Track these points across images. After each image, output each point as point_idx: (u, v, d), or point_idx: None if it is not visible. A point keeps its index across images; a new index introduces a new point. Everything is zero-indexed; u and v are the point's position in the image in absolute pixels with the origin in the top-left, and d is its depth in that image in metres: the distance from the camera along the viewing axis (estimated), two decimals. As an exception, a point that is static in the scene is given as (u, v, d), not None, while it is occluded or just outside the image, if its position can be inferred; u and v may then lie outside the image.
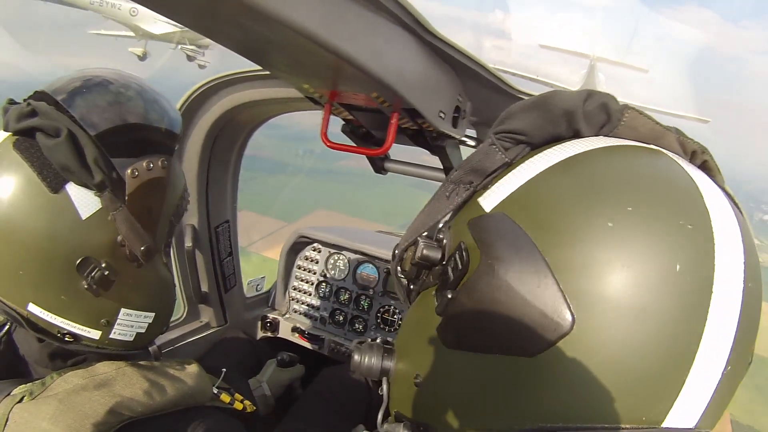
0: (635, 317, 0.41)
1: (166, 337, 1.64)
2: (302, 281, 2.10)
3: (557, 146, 0.50)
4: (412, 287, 0.64)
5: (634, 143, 0.50)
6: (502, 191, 0.50)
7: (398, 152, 1.25)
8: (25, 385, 0.82)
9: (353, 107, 1.06)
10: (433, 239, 0.57)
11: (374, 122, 1.10)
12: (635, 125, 0.50)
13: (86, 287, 0.83)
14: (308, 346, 2.01)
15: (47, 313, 0.83)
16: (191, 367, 0.99)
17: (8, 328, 0.93)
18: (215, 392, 1.03)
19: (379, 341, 0.63)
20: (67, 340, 0.86)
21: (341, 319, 2.01)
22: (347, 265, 2.02)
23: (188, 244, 1.63)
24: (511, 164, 0.52)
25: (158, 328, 0.99)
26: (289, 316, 2.10)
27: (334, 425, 1.47)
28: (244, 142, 1.71)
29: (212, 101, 1.49)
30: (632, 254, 0.42)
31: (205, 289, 1.76)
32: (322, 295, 2.06)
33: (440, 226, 0.58)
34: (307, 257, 2.10)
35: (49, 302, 0.82)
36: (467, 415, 0.49)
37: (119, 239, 0.85)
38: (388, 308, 1.94)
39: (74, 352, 0.91)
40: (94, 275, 0.83)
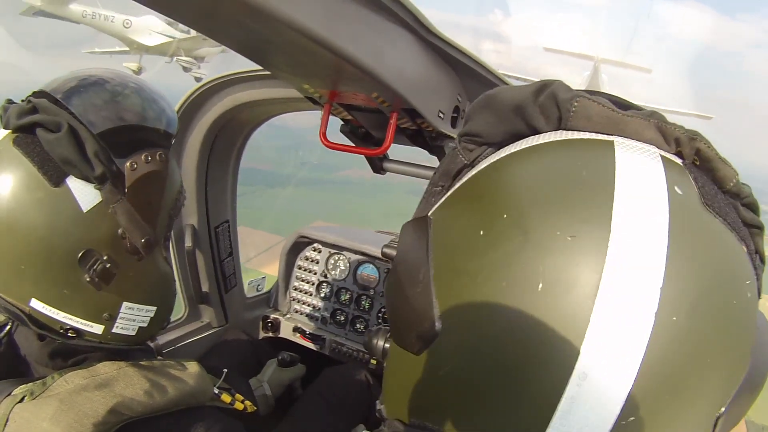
0: (496, 334, 0.38)
1: (166, 337, 1.64)
2: (303, 281, 2.10)
3: (512, 145, 0.48)
4: None
5: (586, 136, 0.45)
6: (451, 191, 0.51)
7: (399, 153, 1.25)
8: (25, 385, 0.82)
9: (353, 107, 1.06)
10: None
11: (373, 122, 1.11)
12: (588, 114, 0.44)
13: (88, 280, 0.84)
14: (309, 346, 2.01)
15: (49, 308, 0.83)
16: (192, 367, 0.99)
17: (9, 328, 0.94)
18: (216, 392, 1.03)
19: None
20: (69, 335, 0.86)
21: (342, 319, 2.01)
22: (348, 265, 2.02)
23: (188, 244, 1.63)
24: (472, 165, 0.51)
25: (160, 322, 1.00)
26: (290, 316, 2.10)
27: (334, 425, 1.47)
28: (243, 142, 1.72)
29: (212, 101, 1.49)
30: (495, 267, 0.39)
31: (205, 289, 1.76)
32: (323, 295, 2.06)
33: None
34: (307, 257, 2.10)
35: (51, 297, 0.83)
36: (388, 398, 0.52)
37: (120, 232, 0.86)
38: None
39: (75, 351, 0.91)
40: (96, 268, 0.84)
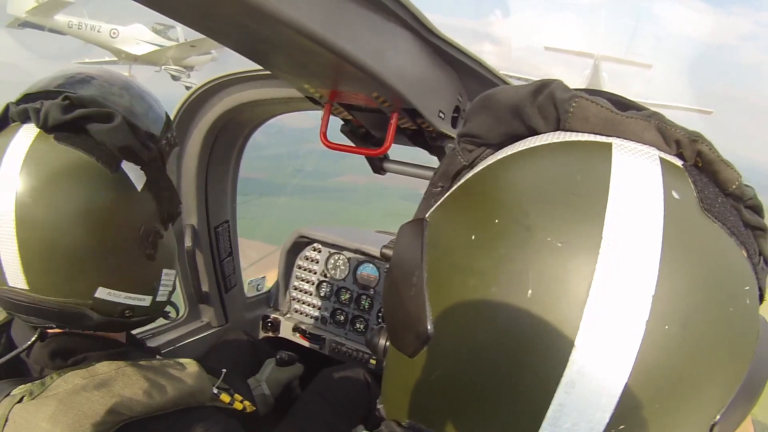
0: (487, 339, 0.38)
1: (166, 337, 1.64)
2: (303, 281, 2.10)
3: (509, 147, 0.48)
4: None
5: (584, 137, 0.43)
6: (449, 193, 0.50)
7: (399, 153, 1.25)
8: (24, 385, 0.82)
9: (353, 107, 1.06)
10: None
11: (374, 122, 1.11)
12: (586, 116, 0.43)
13: (147, 253, 0.91)
14: (309, 345, 2.01)
15: (115, 292, 0.88)
16: (191, 366, 0.99)
17: (2, 321, 0.94)
18: (215, 392, 1.03)
19: None
20: (126, 315, 0.91)
21: (342, 318, 2.01)
22: (348, 264, 2.02)
23: (188, 244, 1.63)
24: (471, 166, 0.50)
25: (175, 284, 1.07)
26: (290, 315, 2.10)
27: (334, 425, 1.47)
28: (244, 142, 1.71)
29: (212, 101, 1.49)
30: (485, 272, 0.38)
31: (205, 289, 1.76)
32: (322, 294, 2.06)
33: None
34: (307, 257, 2.10)
35: (117, 278, 0.88)
36: (386, 398, 0.52)
37: (159, 206, 0.94)
38: None
39: (74, 350, 0.91)
40: (152, 240, 0.91)
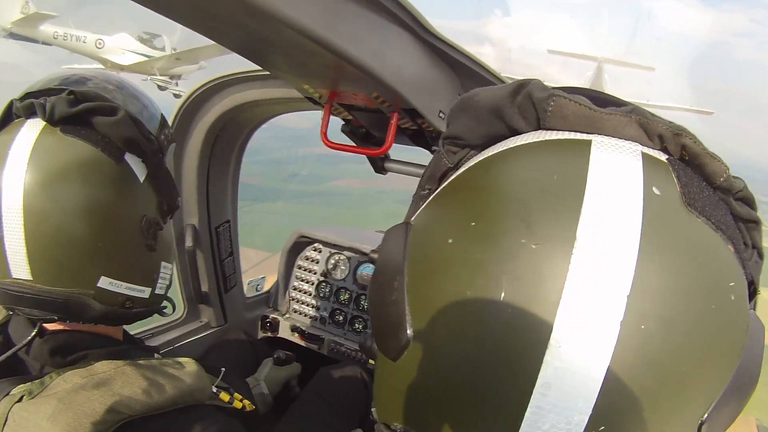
0: (463, 343, 0.38)
1: (166, 336, 1.64)
2: (302, 281, 2.10)
3: (492, 147, 0.48)
4: None
5: (564, 136, 0.44)
6: (434, 195, 0.51)
7: (399, 153, 1.25)
8: (24, 384, 0.82)
9: (353, 107, 1.06)
10: None
11: (374, 122, 1.11)
12: (564, 114, 0.43)
13: (147, 244, 0.93)
14: (308, 346, 2.01)
15: (117, 282, 0.90)
16: (190, 366, 0.99)
17: (3, 319, 0.94)
18: (214, 391, 1.03)
19: None
20: (126, 306, 0.93)
21: (341, 319, 2.01)
22: (348, 265, 2.02)
23: (188, 244, 1.63)
24: (456, 168, 0.51)
25: (171, 279, 1.09)
26: (289, 316, 2.10)
27: (332, 424, 1.47)
28: (244, 142, 1.72)
29: (212, 101, 1.49)
30: (462, 276, 0.39)
31: (205, 289, 1.76)
32: (322, 295, 2.06)
33: None
34: (307, 257, 2.10)
35: (119, 268, 0.90)
36: (377, 401, 0.52)
37: (160, 198, 0.97)
38: None
39: (74, 347, 0.91)
40: (152, 231, 0.94)
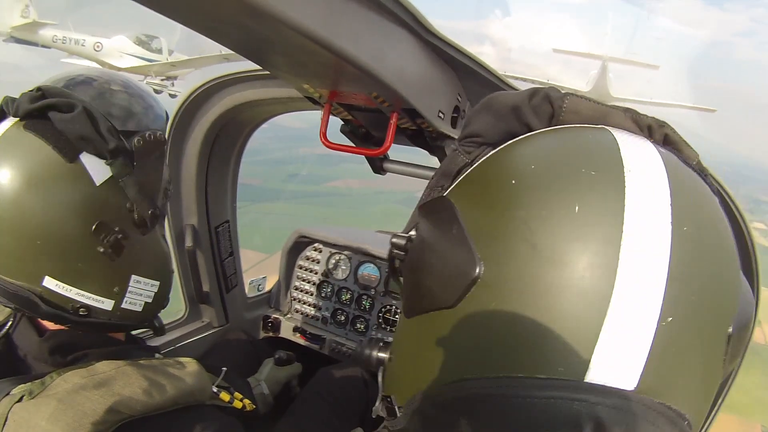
0: (540, 261, 0.42)
1: (167, 336, 1.64)
2: (304, 281, 2.10)
3: (511, 141, 0.53)
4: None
5: (578, 126, 0.51)
6: (455, 183, 0.55)
7: (399, 153, 1.25)
8: (24, 384, 0.82)
9: (353, 107, 1.06)
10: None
11: (374, 122, 1.11)
12: (577, 109, 0.51)
13: (102, 251, 0.88)
14: (309, 346, 2.01)
15: (63, 285, 0.86)
16: (191, 365, 1.00)
17: (8, 328, 0.94)
18: (215, 391, 1.03)
19: (380, 337, 0.66)
20: (81, 313, 0.89)
21: (343, 319, 2.01)
22: (349, 264, 2.02)
23: (189, 244, 1.63)
24: (471, 163, 0.55)
25: (162, 299, 1.04)
26: (290, 316, 2.10)
27: (333, 424, 1.47)
28: (244, 142, 1.72)
29: (212, 101, 1.49)
30: (531, 204, 0.44)
31: (206, 289, 1.76)
32: (323, 295, 2.06)
33: None
34: (308, 257, 2.10)
35: (65, 272, 0.86)
36: (409, 379, 0.53)
37: (128, 205, 0.91)
38: (389, 308, 1.94)
39: (74, 347, 0.91)
40: (108, 239, 0.88)
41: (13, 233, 0.83)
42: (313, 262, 2.09)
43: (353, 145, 1.20)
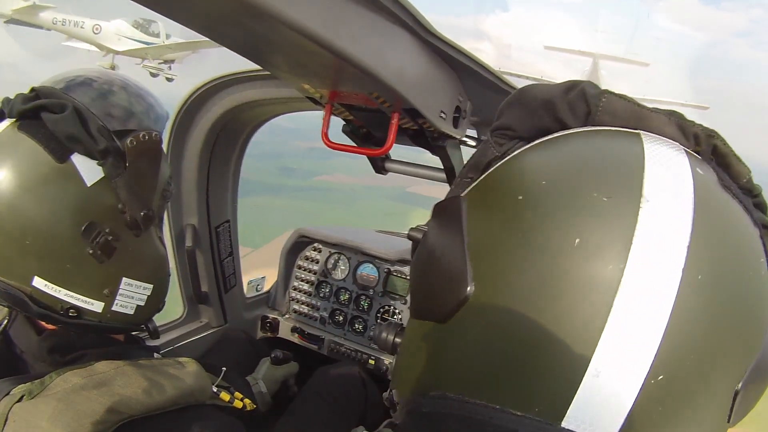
0: (530, 292, 0.39)
1: (166, 337, 1.64)
2: (302, 281, 2.10)
3: (542, 138, 0.50)
4: None
5: (612, 128, 0.47)
6: (476, 183, 0.53)
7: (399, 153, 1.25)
8: (24, 384, 0.82)
9: (354, 107, 1.06)
10: None
11: (375, 122, 1.10)
12: (614, 110, 0.47)
13: (91, 252, 0.86)
14: (308, 346, 2.01)
15: (52, 285, 0.85)
16: (190, 365, 0.99)
17: (5, 326, 0.94)
18: (214, 391, 1.03)
19: (399, 321, 0.65)
20: (70, 314, 0.88)
21: (341, 319, 2.01)
22: (347, 265, 2.02)
23: (188, 244, 1.63)
24: (502, 157, 0.52)
25: (156, 303, 1.01)
26: (288, 316, 2.10)
27: (332, 424, 1.47)
28: (244, 142, 1.72)
29: (213, 101, 1.49)
30: (533, 226, 0.41)
31: (205, 289, 1.76)
32: (322, 295, 2.06)
33: None
34: (307, 257, 2.10)
35: (54, 273, 0.85)
36: (406, 378, 0.52)
37: (120, 206, 0.90)
38: (388, 308, 1.94)
39: (73, 346, 0.91)
40: (98, 240, 0.87)
41: (2, 233, 0.83)
42: (312, 262, 2.09)
43: (355, 145, 1.20)
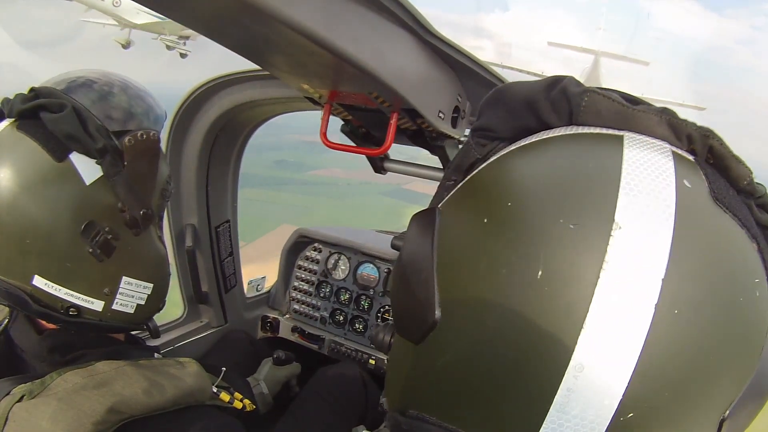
0: (495, 320, 0.37)
1: (166, 337, 1.64)
2: (303, 281, 2.10)
3: (523, 140, 0.48)
4: None
5: (595, 130, 0.44)
6: (452, 193, 0.51)
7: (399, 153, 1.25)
8: (24, 384, 0.82)
9: (353, 107, 1.06)
10: None
11: (374, 122, 1.11)
12: (598, 109, 0.43)
13: (90, 251, 0.87)
14: (308, 345, 2.01)
15: (52, 284, 0.86)
16: (191, 366, 1.00)
17: (5, 325, 0.94)
18: (215, 391, 1.03)
19: None
20: (71, 313, 0.89)
21: (341, 319, 2.02)
22: (348, 264, 2.02)
23: (189, 244, 1.63)
24: (484, 159, 0.51)
25: (156, 302, 1.02)
26: (289, 316, 2.10)
27: (332, 424, 1.47)
28: (244, 141, 1.72)
29: (212, 101, 1.49)
30: (496, 254, 0.39)
31: (205, 289, 1.76)
32: (322, 295, 2.06)
33: None
34: (307, 257, 2.10)
35: (54, 272, 0.85)
36: (391, 389, 0.52)
37: (119, 205, 0.90)
38: (388, 308, 1.94)
39: (73, 346, 0.91)
40: (98, 239, 0.87)
41: (2, 232, 0.83)
42: (312, 262, 2.09)
43: (354, 144, 1.20)
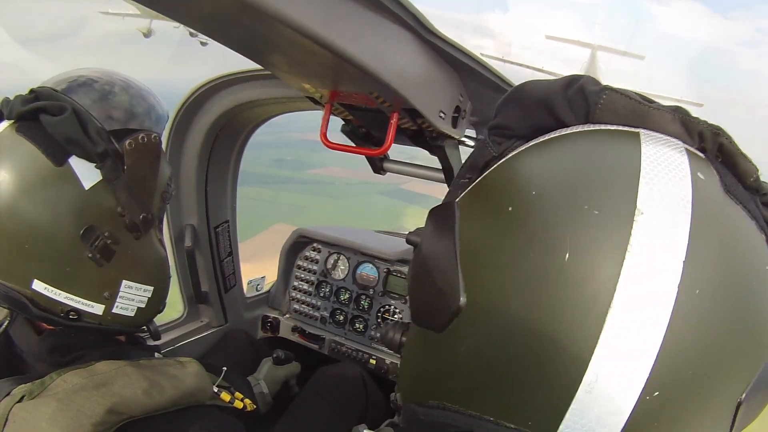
0: (521, 306, 0.38)
1: (166, 337, 1.64)
2: (302, 281, 2.10)
3: (540, 138, 0.48)
4: None
5: (611, 127, 0.45)
6: (470, 187, 0.52)
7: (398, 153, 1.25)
8: (24, 385, 0.82)
9: (354, 107, 1.06)
10: None
11: (374, 122, 1.10)
12: (614, 107, 0.45)
13: (90, 256, 0.86)
14: (308, 345, 2.01)
15: (52, 288, 0.85)
16: (191, 366, 0.99)
17: (5, 326, 0.94)
18: (215, 391, 1.03)
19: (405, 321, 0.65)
20: (71, 317, 0.88)
21: (341, 318, 2.02)
22: (347, 264, 2.02)
23: (188, 244, 1.63)
24: (500, 157, 0.51)
25: (157, 304, 1.01)
26: (289, 315, 2.10)
27: (332, 424, 1.47)
28: (244, 141, 1.72)
29: (212, 101, 1.49)
30: (523, 239, 0.40)
31: (205, 289, 1.76)
32: (322, 294, 2.06)
33: None
34: (307, 257, 2.10)
35: (53, 276, 0.85)
36: (407, 383, 0.52)
37: (119, 209, 0.90)
38: (388, 308, 1.94)
39: (73, 347, 0.91)
40: (97, 244, 0.87)
41: (1, 236, 0.82)
42: (311, 262, 2.09)
43: (354, 144, 1.20)
